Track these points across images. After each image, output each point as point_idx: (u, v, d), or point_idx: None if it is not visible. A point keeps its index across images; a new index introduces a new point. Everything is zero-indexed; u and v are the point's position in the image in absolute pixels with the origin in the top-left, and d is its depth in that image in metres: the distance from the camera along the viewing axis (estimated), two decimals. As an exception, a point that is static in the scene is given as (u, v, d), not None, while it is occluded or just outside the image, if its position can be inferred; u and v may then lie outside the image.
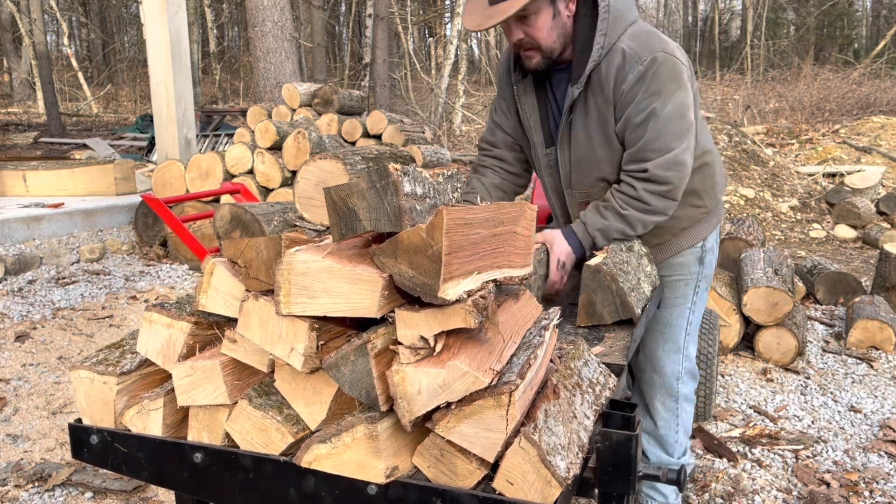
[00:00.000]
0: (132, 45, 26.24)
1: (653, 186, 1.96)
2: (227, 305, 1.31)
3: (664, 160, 1.94)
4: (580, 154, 2.08)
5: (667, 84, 1.92)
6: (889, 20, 22.36)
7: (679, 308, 2.26)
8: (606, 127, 2.01)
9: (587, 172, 2.10)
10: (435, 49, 20.04)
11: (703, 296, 2.29)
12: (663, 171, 1.94)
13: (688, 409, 2.36)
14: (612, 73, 1.95)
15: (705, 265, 2.26)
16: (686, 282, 2.25)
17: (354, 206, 1.14)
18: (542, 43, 1.96)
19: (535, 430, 1.13)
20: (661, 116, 1.93)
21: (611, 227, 2.00)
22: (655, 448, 2.39)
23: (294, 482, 1.26)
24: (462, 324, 1.10)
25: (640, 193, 1.97)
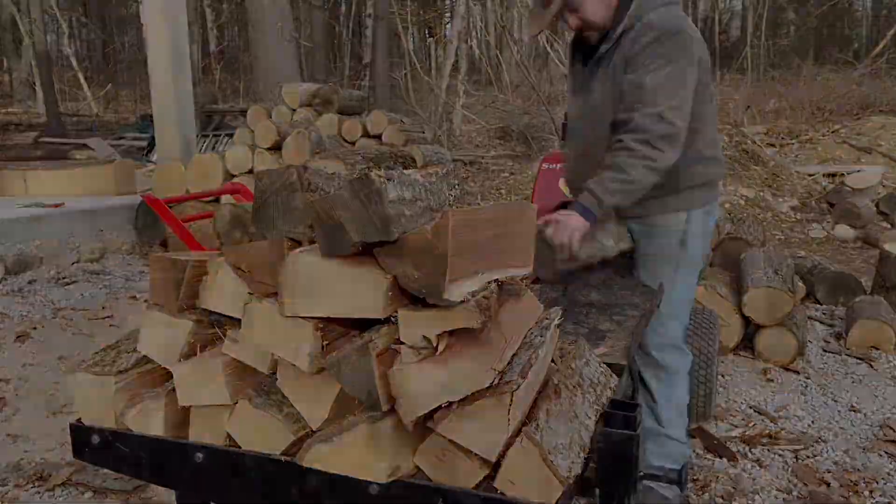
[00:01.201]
0: (132, 45, 26.22)
1: (636, 135, 2.12)
2: (231, 304, 1.31)
3: (648, 112, 2.11)
4: (592, 106, 2.32)
5: (674, 53, 2.14)
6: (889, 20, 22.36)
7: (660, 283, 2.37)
8: (616, 80, 2.24)
9: (596, 123, 2.30)
10: (435, 49, 20.05)
11: (685, 278, 2.39)
12: (645, 120, 2.12)
13: (679, 385, 2.46)
14: (633, 36, 2.19)
15: (688, 249, 2.36)
16: (666, 260, 2.36)
17: (339, 217, 1.13)
18: (595, 24, 2.26)
19: (536, 429, 1.13)
20: (659, 74, 2.13)
21: (604, 177, 2.13)
22: (650, 420, 2.48)
23: (296, 482, 1.26)
24: (465, 324, 1.10)
25: (626, 142, 2.13)
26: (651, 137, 2.11)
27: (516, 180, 8.92)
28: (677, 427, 2.48)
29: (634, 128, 2.13)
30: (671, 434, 2.47)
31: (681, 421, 2.49)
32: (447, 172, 1.38)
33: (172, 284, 1.37)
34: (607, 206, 2.16)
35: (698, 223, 2.38)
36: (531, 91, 13.20)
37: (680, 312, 2.43)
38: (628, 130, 2.15)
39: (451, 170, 1.84)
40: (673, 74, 2.14)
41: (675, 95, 2.14)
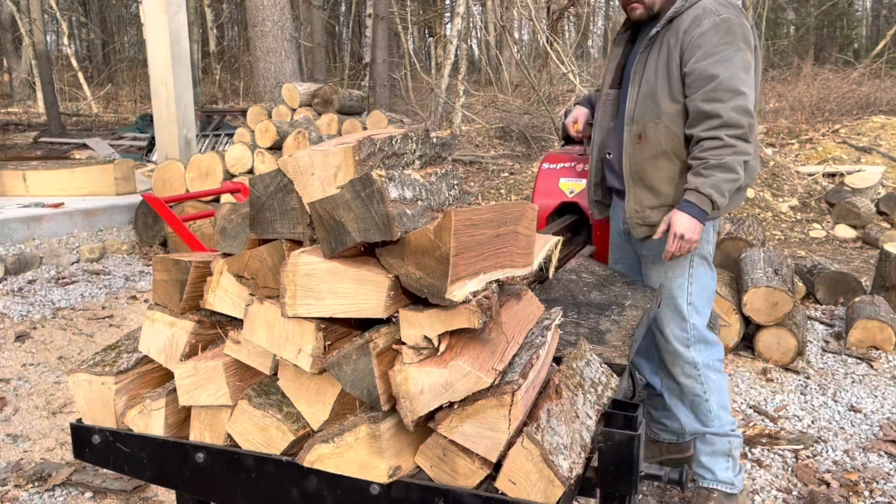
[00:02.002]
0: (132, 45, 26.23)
1: (732, 131, 2.13)
2: (235, 306, 1.31)
3: (735, 104, 2.12)
4: (646, 90, 2.29)
5: (738, 40, 2.15)
6: (889, 20, 22.36)
7: (678, 280, 2.39)
8: (671, 63, 2.23)
9: (649, 107, 2.29)
10: (435, 49, 20.05)
11: (700, 270, 2.40)
12: (737, 114, 2.12)
13: (713, 378, 2.42)
14: (688, 20, 2.20)
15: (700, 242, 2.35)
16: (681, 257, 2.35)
17: (341, 217, 1.13)
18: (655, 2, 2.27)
19: (537, 429, 1.13)
20: (734, 61, 2.13)
21: (718, 179, 2.13)
22: (692, 420, 2.46)
23: (296, 482, 1.26)
24: (466, 324, 1.10)
25: (725, 140, 2.13)
26: (744, 133, 2.13)
27: (516, 180, 8.91)
28: (721, 420, 2.44)
29: (728, 122, 2.13)
30: (717, 430, 2.44)
31: (723, 413, 2.44)
32: (447, 172, 1.38)
33: (175, 285, 1.37)
34: (720, 206, 2.18)
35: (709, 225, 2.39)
36: (531, 91, 13.21)
37: (701, 305, 2.42)
38: (721, 126, 2.14)
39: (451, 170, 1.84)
40: (743, 63, 2.15)
41: (751, 85, 2.16)
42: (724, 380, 2.47)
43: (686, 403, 2.47)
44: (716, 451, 2.45)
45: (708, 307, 2.47)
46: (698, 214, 2.18)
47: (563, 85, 13.01)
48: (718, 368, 2.45)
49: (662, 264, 2.40)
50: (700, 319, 2.42)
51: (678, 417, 2.52)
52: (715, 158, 2.14)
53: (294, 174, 1.22)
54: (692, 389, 2.43)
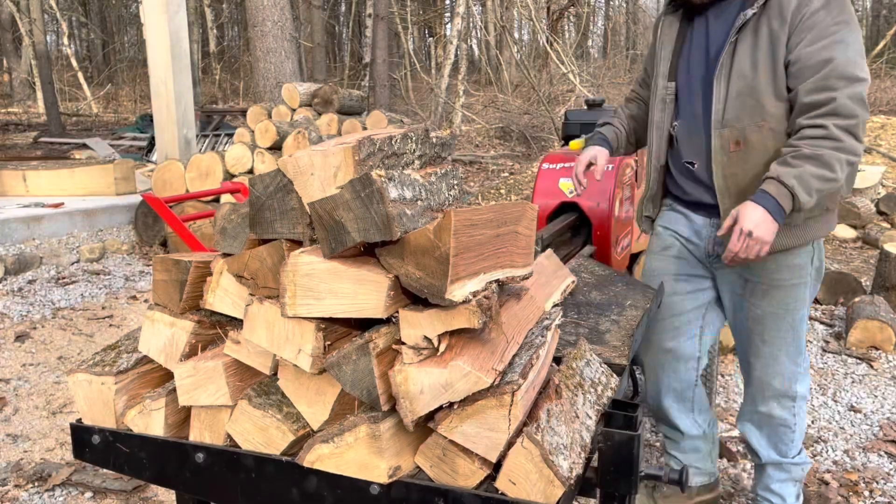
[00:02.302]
0: (132, 45, 26.22)
1: (841, 121, 1.80)
2: (235, 306, 1.31)
3: (852, 91, 1.80)
4: (741, 86, 1.95)
5: (852, 17, 1.86)
6: (889, 20, 22.37)
7: (799, 312, 2.14)
8: (776, 52, 1.89)
9: (748, 107, 1.95)
10: (435, 49, 20.06)
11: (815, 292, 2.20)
12: (851, 103, 1.80)
13: (803, 407, 2.28)
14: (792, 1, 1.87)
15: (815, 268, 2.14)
16: (804, 284, 2.11)
17: (341, 218, 1.13)
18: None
19: (537, 429, 1.13)
20: (850, 43, 1.83)
21: (805, 171, 1.80)
22: (769, 448, 2.30)
23: (296, 482, 1.26)
24: (466, 324, 1.10)
25: (830, 130, 1.80)
26: (857, 125, 1.81)
27: (516, 180, 8.91)
28: (798, 447, 2.32)
29: (837, 111, 1.80)
30: (796, 460, 2.31)
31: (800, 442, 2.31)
32: (447, 172, 1.38)
33: (175, 285, 1.37)
34: (808, 206, 1.85)
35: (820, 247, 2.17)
36: (531, 91, 13.21)
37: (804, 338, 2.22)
38: (829, 114, 1.81)
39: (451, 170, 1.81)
40: (860, 46, 1.86)
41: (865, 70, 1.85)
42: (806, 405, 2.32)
43: (768, 432, 2.29)
44: (790, 478, 2.32)
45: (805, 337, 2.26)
46: (774, 210, 1.83)
47: (563, 85, 13.01)
48: (807, 397, 2.28)
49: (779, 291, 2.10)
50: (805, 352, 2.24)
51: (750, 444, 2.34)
52: (809, 148, 1.81)
53: (294, 174, 1.22)
54: (783, 420, 2.25)
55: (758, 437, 2.31)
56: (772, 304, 2.12)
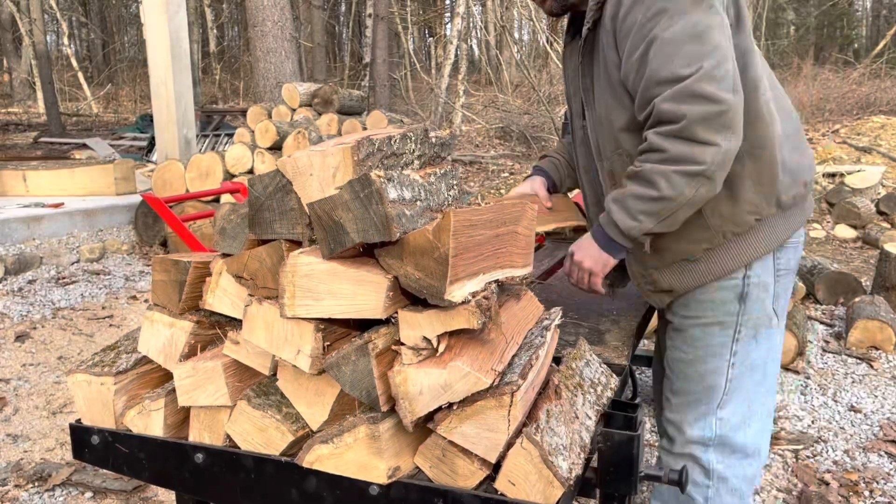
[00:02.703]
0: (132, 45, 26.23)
1: (664, 128, 1.48)
2: (235, 307, 1.31)
3: (671, 92, 1.45)
4: (599, 113, 1.69)
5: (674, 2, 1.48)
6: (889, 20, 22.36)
7: (713, 361, 1.73)
8: (611, 73, 1.61)
9: (605, 134, 1.69)
10: (435, 49, 20.05)
11: (748, 345, 1.71)
12: (671, 104, 1.45)
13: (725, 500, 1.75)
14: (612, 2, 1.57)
15: (749, 303, 1.68)
16: (721, 326, 1.70)
17: (340, 218, 1.12)
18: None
19: (536, 430, 1.13)
20: (663, 39, 1.47)
21: (627, 192, 1.53)
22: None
23: (295, 483, 1.26)
24: (465, 325, 1.10)
25: (652, 140, 1.49)
26: (686, 127, 1.44)
27: (516, 180, 8.91)
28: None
29: (658, 118, 1.48)
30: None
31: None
32: (446, 172, 1.37)
33: (174, 286, 1.37)
34: (636, 234, 1.56)
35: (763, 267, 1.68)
36: (531, 91, 13.21)
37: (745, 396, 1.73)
38: (651, 125, 1.51)
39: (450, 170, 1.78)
40: (693, 27, 1.46)
41: (701, 57, 1.44)
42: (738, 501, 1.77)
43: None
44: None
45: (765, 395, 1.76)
46: (600, 238, 1.61)
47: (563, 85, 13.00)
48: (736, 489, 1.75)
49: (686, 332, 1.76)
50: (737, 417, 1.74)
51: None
52: (637, 165, 1.54)
53: (293, 175, 1.21)
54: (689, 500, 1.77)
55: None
56: (680, 348, 1.76)
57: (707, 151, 1.45)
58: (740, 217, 1.62)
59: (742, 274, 1.67)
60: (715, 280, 1.67)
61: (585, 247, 1.67)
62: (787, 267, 1.72)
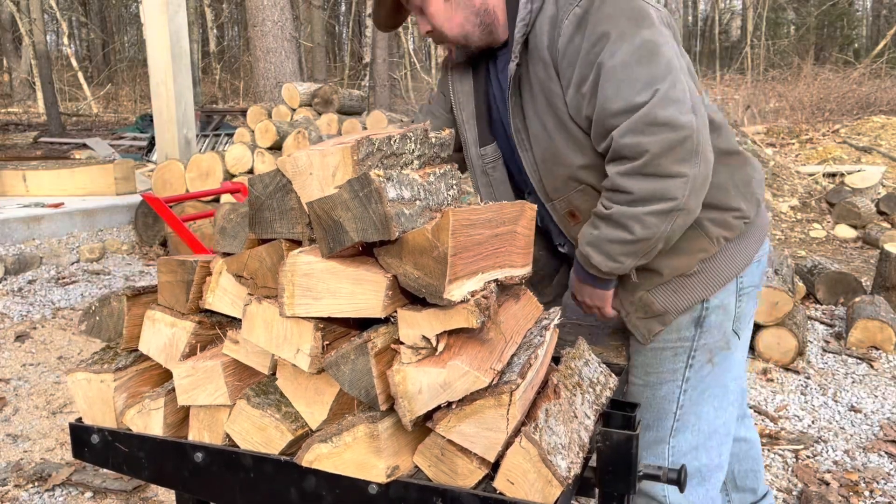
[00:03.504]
0: (132, 44, 26.25)
1: (626, 165, 1.40)
2: (235, 306, 1.31)
3: (629, 123, 1.37)
4: (542, 151, 1.58)
5: (617, 22, 1.41)
6: (889, 20, 22.37)
7: (665, 385, 1.67)
8: (554, 103, 1.52)
9: (556, 173, 1.58)
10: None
11: (702, 370, 1.65)
12: (631, 137, 1.37)
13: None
14: (545, 30, 1.48)
15: (706, 327, 1.64)
16: (674, 350, 1.65)
17: (339, 217, 1.12)
18: (446, 32, 1.59)
19: (535, 429, 1.13)
20: (612, 65, 1.39)
21: (602, 235, 1.48)
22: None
23: (295, 482, 1.26)
24: (464, 324, 1.10)
25: (615, 180, 1.42)
26: (649, 162, 1.36)
27: (516, 180, 8.91)
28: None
29: (620, 153, 1.41)
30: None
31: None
32: (446, 172, 1.38)
33: (182, 286, 1.37)
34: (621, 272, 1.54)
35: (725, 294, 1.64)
36: (531, 91, 13.19)
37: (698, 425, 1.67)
38: (611, 160, 1.44)
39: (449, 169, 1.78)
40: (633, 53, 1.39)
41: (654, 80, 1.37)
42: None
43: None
44: None
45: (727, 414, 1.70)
46: (591, 280, 1.57)
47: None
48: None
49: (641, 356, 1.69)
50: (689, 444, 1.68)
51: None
52: (603, 206, 1.47)
53: (292, 174, 1.22)
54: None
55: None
56: (633, 373, 1.71)
57: (676, 185, 1.38)
58: (730, 223, 1.59)
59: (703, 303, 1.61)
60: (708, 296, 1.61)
61: (580, 289, 1.64)
62: (752, 283, 1.68)
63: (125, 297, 1.41)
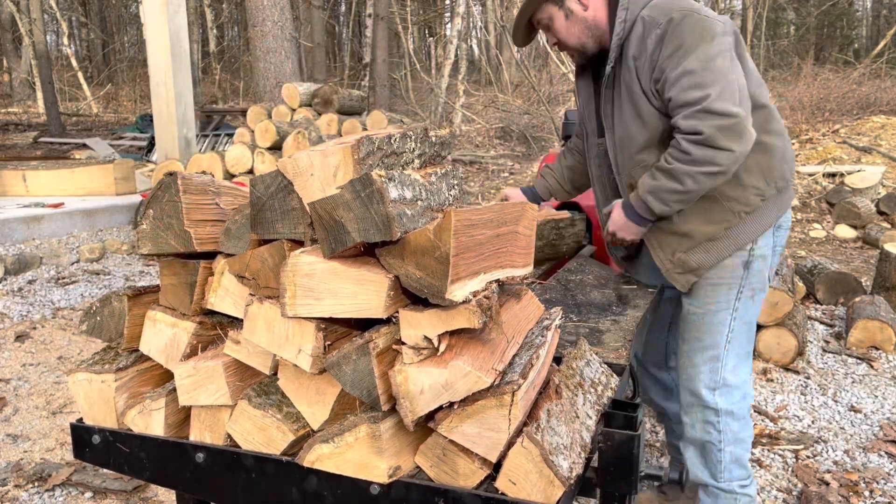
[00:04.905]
0: (132, 45, 26.26)
1: (689, 137, 1.88)
2: (237, 307, 1.31)
3: (688, 112, 1.86)
4: (620, 135, 2.09)
5: (686, 39, 1.89)
6: (889, 20, 22.37)
7: (720, 314, 2.12)
8: (634, 98, 2.01)
9: (627, 153, 2.09)
10: (435, 49, 20.05)
11: (747, 304, 2.12)
12: (691, 121, 1.86)
13: (734, 427, 2.14)
14: (634, 43, 1.98)
15: (752, 271, 2.09)
16: (729, 286, 2.10)
17: (341, 218, 1.12)
18: (568, 43, 2.11)
19: (537, 429, 1.13)
20: (681, 71, 1.88)
21: (660, 186, 1.94)
22: (699, 467, 2.21)
23: (296, 482, 1.26)
24: (466, 324, 1.10)
25: (681, 144, 1.89)
26: (707, 138, 1.84)
27: (516, 180, 8.92)
28: (731, 474, 2.18)
29: (684, 129, 1.88)
30: (723, 485, 2.18)
31: (735, 468, 2.18)
32: (447, 172, 1.38)
33: (185, 288, 1.37)
34: (668, 214, 2.00)
35: (765, 242, 2.10)
36: (531, 91, 13.21)
37: (738, 345, 2.13)
38: (680, 133, 1.90)
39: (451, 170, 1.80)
40: (703, 59, 1.86)
41: (714, 81, 1.84)
42: (746, 431, 2.18)
43: (695, 446, 2.21)
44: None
45: (748, 344, 2.19)
46: (634, 218, 2.03)
47: (563, 85, 13.01)
48: (743, 416, 2.16)
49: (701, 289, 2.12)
50: (736, 362, 2.15)
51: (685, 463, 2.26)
52: (666, 161, 1.93)
53: (293, 175, 1.22)
54: (706, 436, 2.16)
55: (690, 452, 2.23)
56: (693, 302, 2.15)
57: (725, 156, 1.86)
58: (748, 200, 2.03)
59: (749, 247, 2.07)
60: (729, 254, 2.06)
61: (623, 225, 2.08)
62: (780, 244, 2.17)
63: (126, 297, 1.41)
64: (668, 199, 1.95)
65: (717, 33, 1.90)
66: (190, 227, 1.34)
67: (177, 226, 1.34)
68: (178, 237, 1.35)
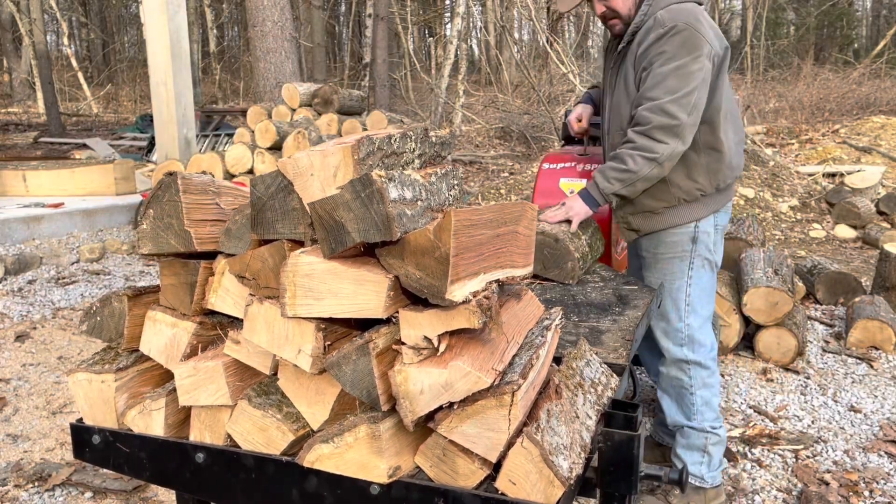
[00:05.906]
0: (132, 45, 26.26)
1: (638, 128, 2.25)
2: (237, 307, 1.31)
3: (649, 106, 2.22)
4: (614, 101, 2.45)
5: (678, 49, 2.21)
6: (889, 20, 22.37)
7: (677, 282, 2.45)
8: (628, 79, 2.37)
9: (616, 122, 2.44)
10: (435, 49, 20.05)
11: (699, 273, 2.45)
12: (647, 112, 2.22)
13: (703, 374, 2.47)
14: (643, 34, 2.29)
15: (699, 244, 2.43)
16: (680, 258, 2.44)
17: (341, 218, 1.13)
18: (620, 11, 2.37)
19: (537, 430, 1.13)
20: (659, 71, 2.22)
21: (607, 166, 2.30)
22: (675, 411, 2.53)
23: (296, 482, 1.26)
24: (466, 324, 1.10)
25: (629, 134, 2.27)
26: (650, 129, 2.21)
27: (516, 180, 8.91)
28: (703, 416, 2.50)
29: (637, 120, 2.25)
30: (696, 424, 2.50)
31: (706, 409, 2.50)
32: (447, 172, 1.38)
33: (185, 288, 1.37)
34: (609, 194, 2.31)
35: (707, 224, 2.44)
36: (531, 91, 13.21)
37: (700, 305, 2.47)
38: (633, 124, 2.28)
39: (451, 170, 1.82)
40: (679, 68, 2.20)
41: (678, 89, 2.19)
42: (713, 378, 2.50)
43: (671, 394, 2.53)
44: (691, 444, 2.52)
45: (709, 306, 2.51)
46: (586, 198, 2.36)
47: (563, 85, 13.00)
48: (709, 366, 2.48)
49: (661, 264, 2.47)
50: (696, 319, 2.47)
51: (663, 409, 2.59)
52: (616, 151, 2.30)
53: (293, 175, 1.22)
54: (679, 381, 2.49)
55: (666, 399, 2.57)
56: (657, 274, 2.50)
57: (661, 147, 2.23)
58: (690, 191, 2.38)
59: (693, 224, 2.42)
60: (670, 228, 2.41)
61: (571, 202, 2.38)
62: (722, 224, 2.50)
63: (126, 298, 1.41)
64: (610, 175, 2.29)
65: (702, 54, 2.22)
66: (190, 226, 1.34)
67: (177, 225, 1.34)
68: (179, 237, 1.35)
